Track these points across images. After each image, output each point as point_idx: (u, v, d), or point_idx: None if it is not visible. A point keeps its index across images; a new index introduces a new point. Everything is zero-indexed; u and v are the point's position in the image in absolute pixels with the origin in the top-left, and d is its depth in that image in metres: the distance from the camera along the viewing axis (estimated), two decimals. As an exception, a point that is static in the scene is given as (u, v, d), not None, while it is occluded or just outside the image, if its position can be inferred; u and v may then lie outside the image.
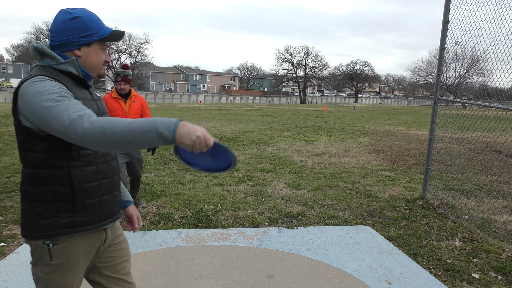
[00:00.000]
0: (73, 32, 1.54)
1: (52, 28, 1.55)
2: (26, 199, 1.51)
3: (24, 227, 1.53)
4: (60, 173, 1.47)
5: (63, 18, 1.53)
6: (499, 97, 4.60)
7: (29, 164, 1.50)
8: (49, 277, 1.54)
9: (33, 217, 1.49)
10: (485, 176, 6.91)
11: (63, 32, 1.54)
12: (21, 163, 1.54)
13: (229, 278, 3.03)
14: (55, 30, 1.55)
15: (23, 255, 3.35)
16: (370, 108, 43.33)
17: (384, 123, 19.29)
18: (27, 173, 1.50)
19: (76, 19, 1.53)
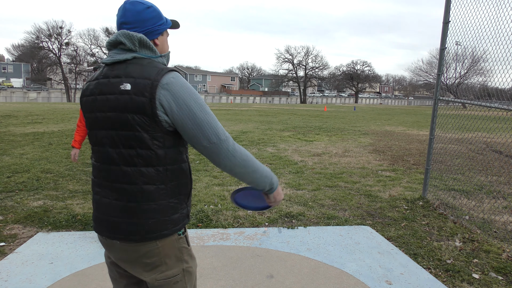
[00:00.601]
0: (152, 21, 1.53)
1: (130, 19, 1.49)
2: (158, 198, 1.47)
3: (152, 228, 1.47)
4: (185, 167, 1.54)
5: (138, 9, 1.49)
6: (500, 98, 4.60)
7: (161, 162, 1.45)
8: (193, 264, 1.61)
9: (165, 214, 1.48)
10: (485, 177, 6.90)
11: (144, 22, 1.51)
12: (134, 162, 1.43)
13: (229, 278, 3.03)
14: (135, 20, 1.49)
15: (23, 255, 3.35)
16: (371, 108, 43.33)
17: (384, 123, 19.29)
18: (158, 170, 1.45)
19: (150, 8, 1.52)
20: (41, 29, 56.64)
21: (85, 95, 1.55)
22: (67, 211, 4.53)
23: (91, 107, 1.49)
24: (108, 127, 1.45)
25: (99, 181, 1.51)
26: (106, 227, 1.50)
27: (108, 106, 1.44)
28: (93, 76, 1.56)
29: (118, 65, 1.47)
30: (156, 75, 1.42)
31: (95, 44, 60.77)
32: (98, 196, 1.52)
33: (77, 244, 3.63)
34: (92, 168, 1.57)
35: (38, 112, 20.21)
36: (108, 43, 1.51)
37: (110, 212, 1.48)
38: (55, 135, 11.10)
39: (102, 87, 1.47)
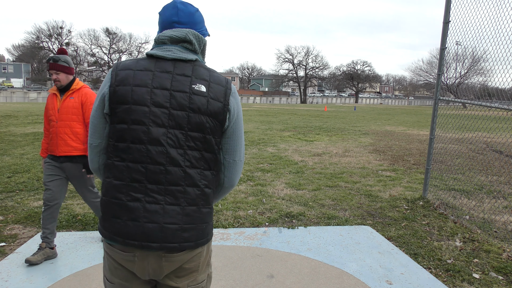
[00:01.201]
0: (200, 25, 1.50)
1: (184, 19, 1.44)
2: (211, 202, 1.46)
3: (205, 232, 1.43)
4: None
5: (191, 10, 1.46)
6: (500, 97, 4.60)
7: (217, 166, 1.47)
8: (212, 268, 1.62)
9: (211, 218, 1.47)
10: (485, 176, 6.90)
11: (195, 25, 1.47)
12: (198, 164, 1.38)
13: (229, 278, 3.03)
14: (189, 22, 1.45)
15: (23, 255, 3.36)
16: (371, 108, 43.32)
17: (384, 123, 19.29)
18: (213, 175, 1.44)
19: (198, 11, 1.49)
20: (41, 29, 56.81)
21: (131, 83, 1.35)
22: (67, 211, 4.53)
23: (143, 100, 1.33)
24: (171, 125, 1.33)
25: (140, 185, 1.32)
26: (153, 237, 1.31)
27: (176, 103, 1.33)
28: (132, 65, 1.39)
29: (181, 63, 1.39)
30: (226, 82, 1.44)
31: (95, 44, 60.84)
32: (139, 202, 1.32)
33: (77, 244, 3.63)
34: (121, 171, 1.34)
35: (38, 112, 20.22)
36: (170, 37, 1.40)
37: (164, 219, 1.32)
38: (56, 135, 11.10)
39: (163, 82, 1.35)
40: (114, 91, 1.35)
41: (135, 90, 1.33)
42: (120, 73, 1.36)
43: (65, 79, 3.22)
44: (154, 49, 1.41)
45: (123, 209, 1.32)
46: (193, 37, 1.41)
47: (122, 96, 1.34)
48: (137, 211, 1.32)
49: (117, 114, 1.34)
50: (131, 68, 1.37)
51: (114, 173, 1.35)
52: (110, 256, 1.40)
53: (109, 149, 1.38)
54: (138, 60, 1.40)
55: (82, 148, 3.27)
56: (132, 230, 1.32)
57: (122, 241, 1.32)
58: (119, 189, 1.33)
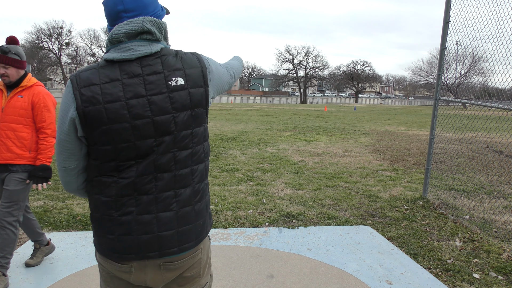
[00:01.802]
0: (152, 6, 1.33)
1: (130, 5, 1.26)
2: (206, 194, 1.39)
3: (205, 227, 1.38)
4: None
5: None
6: (500, 97, 4.60)
7: (207, 155, 1.38)
8: None
9: (207, 210, 1.41)
10: (485, 176, 6.90)
11: (145, 8, 1.30)
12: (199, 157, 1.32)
13: (229, 278, 3.03)
14: (137, 6, 1.27)
15: (23, 255, 3.36)
16: (371, 108, 43.32)
17: (384, 123, 19.29)
18: (206, 164, 1.37)
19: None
20: (42, 29, 56.67)
21: (95, 103, 1.19)
22: (68, 211, 4.53)
23: (121, 116, 1.19)
24: (159, 134, 1.23)
25: (129, 198, 1.25)
26: (149, 248, 1.27)
27: (157, 109, 1.21)
28: (94, 78, 1.21)
29: (146, 59, 1.24)
30: (198, 60, 1.32)
31: (96, 44, 60.82)
32: (130, 216, 1.25)
33: (77, 244, 3.63)
34: (109, 187, 1.26)
35: (38, 112, 20.18)
36: (125, 33, 1.22)
37: (158, 228, 1.27)
38: (56, 135, 11.11)
39: (136, 89, 1.20)
40: (83, 113, 1.20)
41: (108, 108, 1.19)
42: (84, 91, 1.20)
43: (15, 75, 2.74)
44: (111, 51, 1.24)
45: (115, 224, 1.26)
46: (151, 25, 1.25)
47: (96, 118, 1.19)
48: (129, 225, 1.25)
49: (96, 136, 1.21)
50: (95, 82, 1.21)
51: (102, 189, 1.26)
52: (105, 268, 1.35)
53: (93, 168, 1.28)
54: (98, 69, 1.22)
55: (27, 157, 2.79)
56: (126, 245, 1.26)
57: (118, 256, 1.28)
58: (109, 205, 1.26)
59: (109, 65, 1.23)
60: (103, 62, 1.25)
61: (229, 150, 9.11)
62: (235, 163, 7.61)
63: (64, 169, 1.32)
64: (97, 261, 1.38)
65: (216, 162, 7.65)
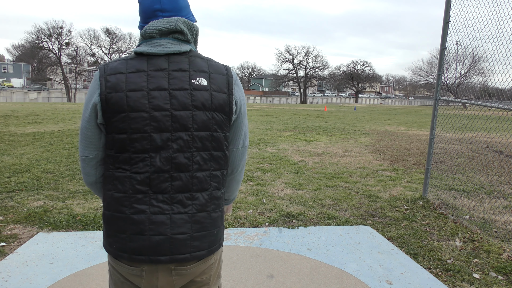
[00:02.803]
0: (186, 10, 1.35)
1: (167, 6, 1.29)
2: (222, 204, 1.36)
3: (216, 238, 1.34)
4: None
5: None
6: (500, 97, 4.60)
7: (226, 164, 1.36)
8: None
9: (222, 221, 1.38)
10: (485, 176, 6.90)
11: (181, 11, 1.33)
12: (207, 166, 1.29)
13: (229, 278, 3.03)
14: (173, 8, 1.30)
15: (23, 255, 3.36)
16: (371, 108, 43.31)
17: (384, 123, 19.28)
18: (224, 173, 1.35)
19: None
20: (41, 29, 56.67)
21: (124, 89, 1.22)
22: (68, 211, 4.53)
23: (141, 105, 1.21)
24: (175, 128, 1.23)
25: (144, 195, 1.23)
26: (161, 250, 1.23)
27: (177, 103, 1.23)
28: (121, 67, 1.25)
29: (175, 57, 1.26)
30: (226, 70, 1.32)
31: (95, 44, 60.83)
32: (143, 214, 1.23)
33: (77, 244, 3.63)
34: (123, 182, 1.25)
35: (38, 112, 20.22)
36: (158, 30, 1.26)
37: (171, 229, 1.23)
38: (55, 135, 11.10)
39: (160, 81, 1.23)
40: (106, 99, 1.22)
41: (130, 96, 1.21)
42: (110, 78, 1.23)
43: None
44: (143, 45, 1.28)
45: (127, 223, 1.24)
46: (184, 26, 1.28)
47: (116, 104, 1.21)
48: (142, 224, 1.23)
49: (114, 123, 1.23)
50: (121, 71, 1.24)
51: (116, 185, 1.26)
52: (116, 270, 1.32)
53: (108, 160, 1.28)
54: (127, 61, 1.26)
55: None
56: (138, 245, 1.23)
57: (128, 257, 1.25)
58: (122, 202, 1.24)
59: (138, 57, 1.27)
60: (133, 55, 1.29)
61: (229, 150, 9.11)
62: (235, 163, 7.61)
63: (84, 159, 1.34)
64: (109, 264, 1.36)
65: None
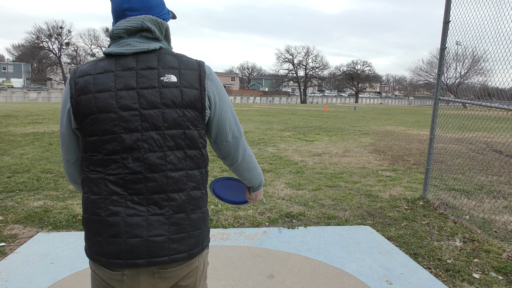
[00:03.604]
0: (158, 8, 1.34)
1: (136, 5, 1.27)
2: (202, 204, 1.32)
3: (198, 240, 1.30)
4: None
5: None
6: (500, 97, 4.60)
7: (205, 163, 1.32)
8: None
9: (206, 222, 1.35)
10: (485, 176, 6.90)
11: (151, 9, 1.31)
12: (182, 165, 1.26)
13: (229, 278, 3.03)
14: (143, 7, 1.28)
15: (23, 255, 3.36)
16: (371, 108, 43.31)
17: (384, 123, 19.29)
18: (203, 173, 1.32)
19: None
20: (41, 29, 56.80)
21: (86, 91, 1.21)
22: (68, 211, 4.53)
23: (109, 106, 1.20)
24: (145, 128, 1.21)
25: (119, 197, 1.22)
26: (138, 253, 1.21)
27: (146, 102, 1.21)
28: (90, 69, 1.25)
29: (143, 55, 1.24)
30: (198, 65, 1.29)
31: (95, 44, 60.86)
32: (118, 216, 1.21)
33: (77, 244, 3.63)
34: (97, 184, 1.24)
35: (38, 112, 20.21)
36: (125, 29, 1.24)
37: (147, 231, 1.21)
38: (56, 135, 11.10)
39: (127, 81, 1.21)
40: (76, 102, 1.22)
41: (98, 97, 1.20)
42: (79, 81, 1.23)
43: None
44: (111, 46, 1.26)
45: (103, 226, 1.21)
46: (151, 24, 1.26)
47: (85, 107, 1.21)
48: (117, 226, 1.20)
49: (85, 126, 1.22)
50: (90, 72, 1.23)
51: (91, 187, 1.24)
52: (97, 275, 1.30)
53: (84, 162, 1.27)
54: (96, 62, 1.26)
55: None
56: (114, 248, 1.21)
57: (106, 261, 1.22)
58: (97, 204, 1.22)
59: (107, 58, 1.26)
60: (103, 56, 1.28)
61: (229, 150, 9.11)
62: (235, 163, 7.60)
63: (66, 161, 1.37)
64: (90, 269, 1.33)
65: (216, 162, 7.64)
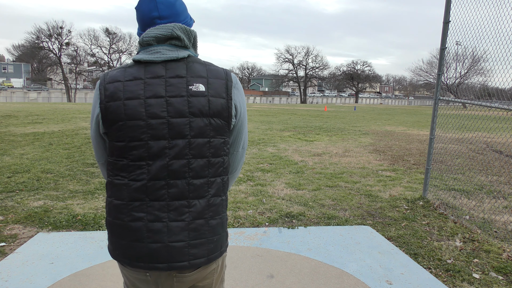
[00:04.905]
0: (184, 15, 1.38)
1: (165, 12, 1.31)
2: (221, 211, 1.34)
3: (217, 246, 1.33)
4: None
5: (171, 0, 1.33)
6: (500, 97, 4.61)
7: (226, 170, 1.35)
8: None
9: (225, 228, 1.38)
10: (485, 176, 6.90)
11: (179, 16, 1.35)
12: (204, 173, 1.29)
13: (229, 278, 3.03)
14: (171, 14, 1.32)
15: (23, 255, 3.36)
16: (371, 108, 43.31)
17: (384, 123, 19.28)
18: (224, 179, 1.34)
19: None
20: (41, 29, 56.63)
21: (116, 98, 1.25)
22: (68, 211, 4.53)
23: (137, 113, 1.23)
24: (172, 136, 1.24)
25: (142, 203, 1.25)
26: (159, 258, 1.25)
27: (174, 110, 1.23)
28: (119, 75, 1.27)
29: (172, 63, 1.27)
30: (225, 74, 1.31)
31: (95, 44, 60.82)
32: (141, 222, 1.25)
33: (77, 244, 3.63)
34: (120, 190, 1.28)
35: (38, 112, 20.22)
36: (155, 37, 1.27)
37: (168, 237, 1.25)
38: (56, 135, 11.11)
39: (156, 89, 1.24)
40: (105, 108, 1.26)
41: (127, 104, 1.23)
42: (109, 87, 1.26)
43: None
44: (141, 53, 1.29)
45: (126, 230, 1.26)
46: (180, 32, 1.29)
47: (115, 113, 1.24)
48: (139, 231, 1.25)
49: (113, 132, 1.26)
50: (119, 79, 1.26)
51: (114, 192, 1.29)
52: (125, 275, 1.37)
53: (109, 166, 1.31)
54: (126, 69, 1.28)
55: None
56: (137, 252, 1.26)
57: (130, 262, 1.28)
58: (120, 209, 1.27)
59: (136, 65, 1.29)
60: (132, 62, 1.31)
61: (229, 150, 9.11)
62: (235, 163, 7.61)
63: (99, 163, 1.46)
64: (120, 268, 1.39)
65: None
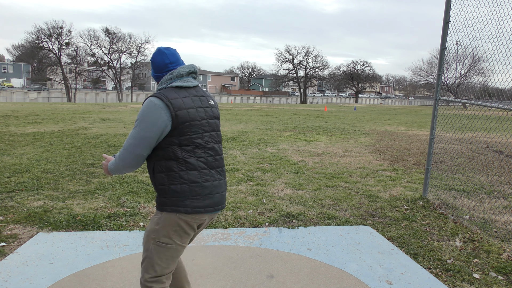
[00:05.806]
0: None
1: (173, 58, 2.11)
2: None
3: None
4: None
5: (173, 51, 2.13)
6: (500, 97, 4.60)
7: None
8: None
9: None
10: (485, 176, 6.90)
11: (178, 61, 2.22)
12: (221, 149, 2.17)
13: (229, 278, 3.03)
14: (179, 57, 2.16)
15: (23, 255, 3.36)
16: (371, 108, 43.30)
17: (384, 123, 19.28)
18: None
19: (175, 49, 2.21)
20: (41, 29, 56.55)
21: (185, 107, 1.97)
22: (67, 211, 4.53)
23: (195, 117, 1.98)
24: (211, 130, 2.07)
25: (212, 169, 2.04)
26: (221, 201, 2.08)
27: (209, 115, 2.07)
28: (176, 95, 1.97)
29: (197, 88, 2.09)
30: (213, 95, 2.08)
31: (95, 44, 60.75)
32: (209, 182, 2.01)
33: (77, 244, 3.63)
34: (191, 163, 1.98)
35: (38, 112, 20.21)
36: (187, 72, 2.06)
37: (222, 190, 2.09)
38: (56, 135, 11.10)
39: (198, 102, 2.03)
40: (175, 115, 1.92)
41: (189, 111, 1.97)
42: (174, 102, 1.93)
43: None
44: (177, 81, 2.02)
45: (201, 188, 1.99)
46: (196, 69, 2.13)
47: (183, 117, 1.95)
48: (209, 188, 2.01)
49: (181, 129, 1.95)
50: (177, 97, 1.96)
51: (187, 166, 1.97)
52: (188, 224, 1.98)
53: (177, 152, 1.96)
54: (175, 91, 1.99)
55: None
56: (210, 202, 2.01)
57: (204, 210, 1.99)
58: (195, 176, 1.98)
59: (178, 88, 2.02)
60: (173, 87, 2.01)
61: (229, 150, 9.10)
62: (235, 163, 7.61)
63: (139, 155, 1.95)
64: (178, 223, 1.97)
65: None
